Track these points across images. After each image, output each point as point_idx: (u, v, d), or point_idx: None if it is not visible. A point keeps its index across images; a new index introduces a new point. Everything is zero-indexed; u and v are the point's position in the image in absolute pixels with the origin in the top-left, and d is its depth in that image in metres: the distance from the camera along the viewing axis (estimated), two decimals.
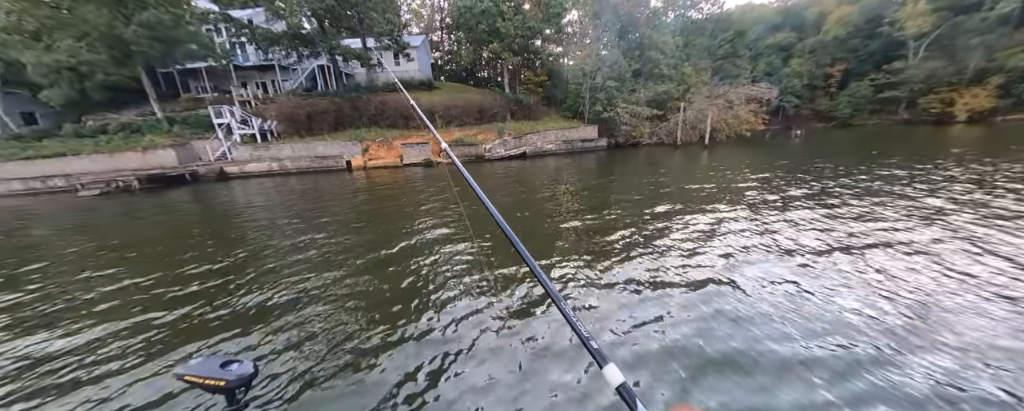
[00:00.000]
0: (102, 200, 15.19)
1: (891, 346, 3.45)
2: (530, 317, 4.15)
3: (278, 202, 12.45)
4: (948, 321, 3.79)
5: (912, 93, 34.64)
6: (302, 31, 22.45)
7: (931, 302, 4.16)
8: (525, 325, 4.00)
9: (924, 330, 3.66)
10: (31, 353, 3.94)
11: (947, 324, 3.74)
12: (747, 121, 25.28)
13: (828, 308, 4.12)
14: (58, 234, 9.52)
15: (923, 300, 4.19)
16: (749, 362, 3.29)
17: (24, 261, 7.19)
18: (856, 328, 3.74)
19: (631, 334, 3.79)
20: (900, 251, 5.57)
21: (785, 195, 9.45)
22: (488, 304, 4.48)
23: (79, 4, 17.22)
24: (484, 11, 21.62)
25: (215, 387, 1.28)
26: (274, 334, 4.08)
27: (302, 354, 3.69)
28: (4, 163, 17.97)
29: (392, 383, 3.25)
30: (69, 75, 19.11)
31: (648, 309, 4.25)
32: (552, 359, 3.40)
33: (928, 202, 8.07)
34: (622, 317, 4.12)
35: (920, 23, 32.85)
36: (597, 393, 2.98)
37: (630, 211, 8.70)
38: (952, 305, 4.07)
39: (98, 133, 20.37)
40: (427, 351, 3.66)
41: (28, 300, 5.32)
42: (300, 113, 22.01)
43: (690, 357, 3.39)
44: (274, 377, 3.37)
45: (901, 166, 12.57)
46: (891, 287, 4.50)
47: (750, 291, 4.57)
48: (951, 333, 3.59)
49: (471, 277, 5.29)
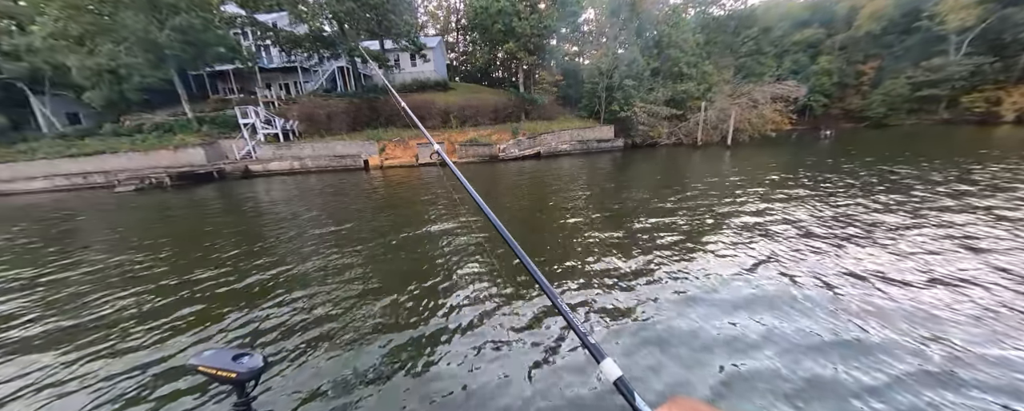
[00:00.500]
0: (137, 195, 16.02)
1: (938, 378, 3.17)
2: (535, 313, 4.18)
3: (298, 198, 12.80)
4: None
5: (953, 91, 32.51)
6: (323, 33, 23.07)
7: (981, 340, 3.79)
8: (529, 319, 4.03)
9: (968, 365, 3.29)
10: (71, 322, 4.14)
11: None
12: (772, 121, 24.28)
13: (848, 332, 3.85)
14: (98, 225, 10.08)
15: (971, 340, 3.71)
16: (769, 373, 3.14)
17: (64, 251, 7.63)
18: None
19: (639, 333, 3.75)
20: (969, 280, 4.56)
21: (819, 202, 8.74)
22: (494, 300, 4.53)
23: (119, 10, 18.25)
24: (500, 10, 21.63)
25: (227, 379, 1.29)
26: (286, 327, 4.18)
27: (311, 349, 3.75)
28: (52, 160, 19.24)
29: (395, 377, 3.29)
30: (109, 77, 20.26)
31: (660, 311, 4.14)
32: (554, 355, 3.43)
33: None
34: (632, 316, 4.06)
35: (963, 16, 30.81)
36: (597, 387, 2.98)
37: (646, 212, 8.48)
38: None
39: (134, 132, 21.52)
40: (432, 346, 3.70)
41: (75, 278, 5.62)
42: (320, 113, 22.59)
43: (694, 357, 3.29)
44: (282, 369, 3.45)
45: (971, 174, 10.58)
46: (945, 317, 3.89)
47: (775, 301, 4.35)
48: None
49: (477, 273, 5.35)
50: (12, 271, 6.63)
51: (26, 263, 7.04)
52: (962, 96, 32.13)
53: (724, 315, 4.01)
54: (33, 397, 3.23)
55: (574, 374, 3.17)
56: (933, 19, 32.67)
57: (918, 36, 34.61)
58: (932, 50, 33.57)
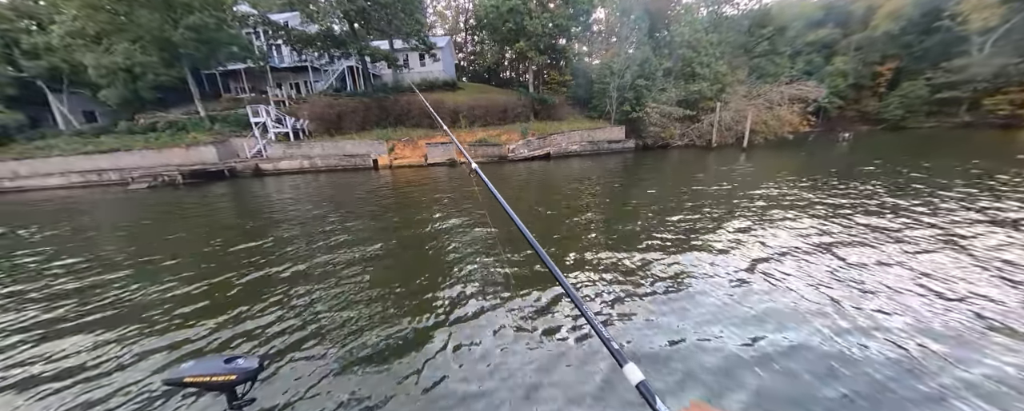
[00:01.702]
0: (150, 193, 16.13)
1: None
2: (549, 315, 4.15)
3: (307, 197, 12.74)
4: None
5: (975, 93, 31.53)
6: (334, 33, 23.12)
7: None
8: (544, 323, 4.01)
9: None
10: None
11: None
12: (790, 122, 23.73)
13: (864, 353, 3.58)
14: (110, 224, 10.09)
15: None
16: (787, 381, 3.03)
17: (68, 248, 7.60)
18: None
19: (654, 337, 3.71)
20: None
21: (853, 213, 7.86)
22: (507, 301, 4.49)
23: (135, 9, 18.44)
24: (512, 9, 21.45)
25: (225, 383, 1.26)
26: (288, 326, 4.13)
27: (313, 351, 3.71)
28: (68, 157, 19.51)
29: (404, 376, 3.27)
30: (124, 76, 20.50)
31: (682, 318, 4.00)
32: (571, 357, 3.44)
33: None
34: (646, 320, 4.04)
35: (987, 16, 29.86)
36: (617, 390, 2.98)
37: (661, 216, 8.24)
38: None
39: (148, 130, 21.76)
40: (442, 347, 3.65)
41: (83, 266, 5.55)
42: (330, 113, 22.62)
43: (716, 364, 3.25)
44: (283, 371, 3.40)
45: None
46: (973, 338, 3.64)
47: (793, 309, 4.17)
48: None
49: (490, 274, 5.29)
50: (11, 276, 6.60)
51: (41, 258, 7.01)
52: (985, 98, 31.13)
53: (746, 324, 3.87)
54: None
55: (594, 378, 3.13)
56: (954, 19, 31.74)
57: (938, 36, 33.66)
58: (953, 51, 32.60)
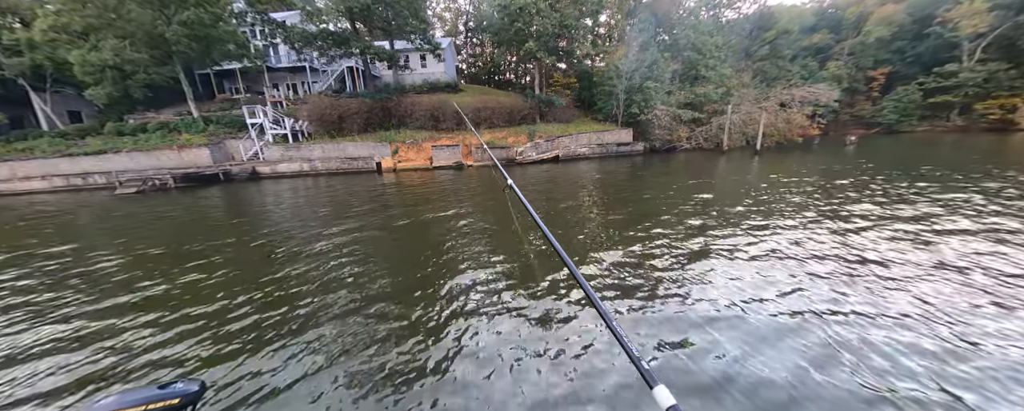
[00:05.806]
0: (139, 198, 15.16)
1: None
2: (571, 333, 4.03)
3: (306, 204, 11.99)
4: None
5: (967, 98, 32.31)
6: (335, 31, 22.46)
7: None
8: (566, 340, 3.88)
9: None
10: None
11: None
12: (800, 126, 23.78)
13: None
14: (92, 233, 9.26)
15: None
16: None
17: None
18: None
19: (687, 358, 3.59)
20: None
21: (892, 222, 7.51)
22: (530, 315, 4.32)
23: (124, 3, 17.49)
24: (523, 8, 21.09)
25: (170, 408, 1.25)
26: (291, 332, 3.89)
27: (313, 354, 3.64)
28: (49, 158, 18.35)
29: (414, 384, 3.22)
30: (112, 74, 19.42)
31: (718, 337, 3.88)
32: (598, 377, 3.32)
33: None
34: (674, 339, 3.91)
35: (976, 23, 30.69)
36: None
37: (679, 223, 7.87)
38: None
39: (138, 131, 20.69)
40: (457, 367, 3.51)
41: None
42: (331, 114, 21.86)
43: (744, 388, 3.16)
44: (283, 379, 3.11)
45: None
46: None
47: (822, 324, 4.03)
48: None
49: (515, 289, 5.05)
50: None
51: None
52: (976, 103, 31.92)
53: (793, 353, 3.66)
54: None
55: (618, 394, 3.05)
56: (945, 25, 32.54)
57: (929, 42, 34.48)
58: (944, 56, 33.40)
